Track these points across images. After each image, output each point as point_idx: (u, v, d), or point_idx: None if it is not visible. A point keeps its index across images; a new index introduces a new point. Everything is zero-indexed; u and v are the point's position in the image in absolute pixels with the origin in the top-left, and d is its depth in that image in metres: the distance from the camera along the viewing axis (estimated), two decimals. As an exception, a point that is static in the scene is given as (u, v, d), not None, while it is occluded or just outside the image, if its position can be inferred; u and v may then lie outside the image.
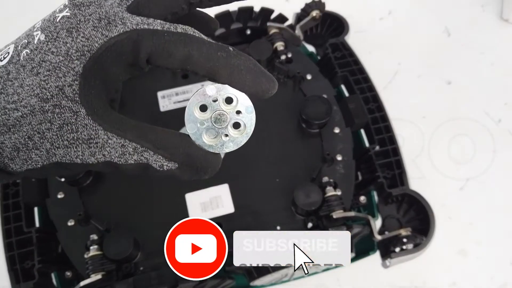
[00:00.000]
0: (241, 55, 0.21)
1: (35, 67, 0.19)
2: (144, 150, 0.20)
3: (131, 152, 0.20)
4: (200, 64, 0.20)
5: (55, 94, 0.19)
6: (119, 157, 0.20)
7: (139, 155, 0.20)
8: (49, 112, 0.19)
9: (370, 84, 0.53)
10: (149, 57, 0.20)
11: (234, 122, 0.22)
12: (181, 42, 0.20)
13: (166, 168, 0.20)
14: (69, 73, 0.19)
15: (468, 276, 0.56)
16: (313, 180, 0.46)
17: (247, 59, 0.21)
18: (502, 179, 0.62)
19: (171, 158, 0.20)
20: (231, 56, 0.20)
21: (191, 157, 0.21)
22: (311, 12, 0.57)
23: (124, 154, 0.20)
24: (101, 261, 0.41)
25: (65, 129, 0.19)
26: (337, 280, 0.56)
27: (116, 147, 0.20)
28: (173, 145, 0.21)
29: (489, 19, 0.75)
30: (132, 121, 0.20)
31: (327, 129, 0.49)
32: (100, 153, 0.20)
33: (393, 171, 0.47)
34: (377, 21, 0.76)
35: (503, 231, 0.59)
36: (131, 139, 0.20)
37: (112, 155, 0.20)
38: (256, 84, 0.21)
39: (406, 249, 0.43)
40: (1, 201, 0.47)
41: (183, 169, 0.21)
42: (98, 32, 0.20)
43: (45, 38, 0.20)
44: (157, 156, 0.20)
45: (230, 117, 0.22)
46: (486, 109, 0.67)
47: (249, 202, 0.46)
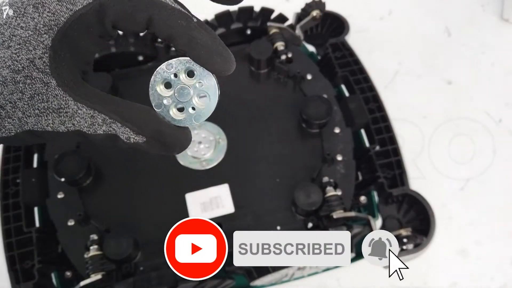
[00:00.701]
0: (202, 29, 0.21)
1: (6, 41, 0.20)
2: (112, 122, 0.21)
3: (100, 123, 0.21)
4: (160, 28, 0.21)
5: (26, 66, 0.20)
6: (88, 127, 0.21)
7: (108, 126, 0.21)
8: (21, 82, 0.20)
9: (371, 84, 0.53)
10: (114, 24, 0.21)
11: (198, 94, 0.22)
12: (143, 6, 0.21)
13: (133, 140, 0.21)
14: (39, 47, 0.20)
15: (469, 276, 0.56)
16: (313, 180, 0.46)
17: (206, 34, 0.21)
18: (502, 179, 0.62)
19: (139, 132, 0.21)
20: (191, 27, 0.21)
21: (159, 132, 0.21)
22: (312, 12, 0.57)
23: (93, 124, 0.21)
24: (101, 261, 0.41)
25: (36, 99, 0.20)
26: (337, 280, 0.56)
27: (86, 118, 0.21)
28: (141, 119, 0.21)
29: (489, 19, 0.75)
30: (103, 93, 0.21)
31: (328, 129, 0.49)
32: (70, 122, 0.21)
33: (393, 171, 0.47)
34: (378, 21, 0.76)
35: (504, 231, 0.59)
36: (100, 110, 0.21)
37: (81, 125, 0.21)
38: (210, 61, 0.21)
39: (407, 249, 0.43)
40: (1, 201, 0.47)
41: (151, 143, 0.22)
42: (63, 6, 0.20)
43: (13, 13, 0.20)
44: (125, 129, 0.21)
45: (193, 90, 0.22)
46: (486, 109, 0.67)
47: (249, 202, 0.46)
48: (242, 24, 0.56)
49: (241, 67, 0.55)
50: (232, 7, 0.55)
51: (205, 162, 0.48)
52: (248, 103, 0.52)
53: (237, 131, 0.50)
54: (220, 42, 0.21)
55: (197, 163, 0.48)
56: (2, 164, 0.48)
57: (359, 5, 0.76)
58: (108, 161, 0.49)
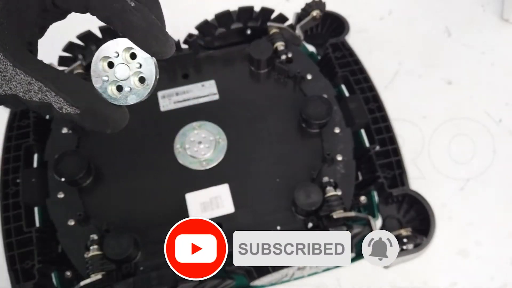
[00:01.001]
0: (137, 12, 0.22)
1: None
2: (47, 91, 0.22)
3: (36, 90, 0.22)
4: (97, 11, 0.22)
5: None
6: (24, 93, 0.22)
7: (43, 94, 0.22)
8: None
9: (371, 84, 0.53)
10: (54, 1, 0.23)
11: (136, 74, 0.23)
12: None
13: (65, 111, 0.22)
14: None
15: (469, 276, 0.56)
16: (313, 180, 0.46)
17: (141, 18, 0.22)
18: (502, 179, 0.62)
19: (73, 103, 0.22)
20: (125, 10, 0.22)
21: (92, 106, 0.23)
22: (312, 12, 0.57)
23: (30, 91, 0.22)
24: (101, 261, 0.41)
25: None
26: (337, 280, 0.56)
27: (23, 83, 0.22)
28: (76, 91, 0.23)
29: (489, 19, 0.75)
30: (43, 64, 0.23)
31: (328, 129, 0.49)
32: (7, 86, 0.22)
33: (393, 171, 0.47)
34: (378, 21, 0.76)
35: (504, 231, 0.59)
36: (37, 78, 0.22)
37: (18, 90, 0.22)
38: (145, 43, 0.22)
39: (407, 249, 0.43)
40: (1, 201, 0.47)
41: (84, 116, 0.23)
42: None
43: None
44: (58, 98, 0.22)
45: (132, 71, 0.23)
46: (486, 109, 0.67)
47: (249, 202, 0.46)
48: (242, 24, 0.56)
49: (241, 67, 0.55)
50: (232, 7, 0.55)
51: (205, 162, 0.48)
52: (248, 103, 0.52)
53: (237, 131, 0.50)
54: (157, 26, 0.23)
55: (197, 163, 0.48)
56: (2, 164, 0.48)
57: (359, 5, 0.76)
58: (108, 161, 0.49)
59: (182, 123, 0.50)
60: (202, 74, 0.55)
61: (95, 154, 0.49)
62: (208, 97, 0.53)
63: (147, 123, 0.51)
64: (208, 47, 0.57)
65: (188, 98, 0.53)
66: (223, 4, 0.54)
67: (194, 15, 0.55)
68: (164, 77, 0.55)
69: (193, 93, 0.53)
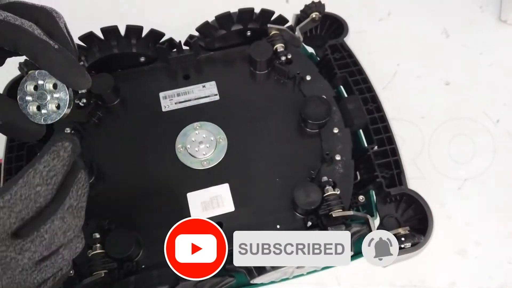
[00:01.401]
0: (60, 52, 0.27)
1: None
2: None
3: None
4: (24, 49, 0.27)
5: None
6: None
7: None
8: None
9: (369, 84, 0.53)
10: None
11: (53, 100, 0.29)
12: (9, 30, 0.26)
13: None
14: None
15: (467, 276, 0.57)
16: (312, 180, 0.47)
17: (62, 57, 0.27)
18: (501, 179, 0.62)
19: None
20: (50, 49, 0.27)
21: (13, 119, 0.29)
22: (311, 13, 0.57)
23: None
24: (103, 260, 0.41)
25: None
26: (336, 278, 0.56)
27: None
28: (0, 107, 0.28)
29: (487, 20, 0.76)
30: None
31: (327, 129, 0.50)
32: None
33: (391, 171, 0.47)
34: (377, 22, 0.77)
35: (502, 230, 0.59)
36: None
37: None
38: (64, 77, 0.28)
39: (404, 248, 0.43)
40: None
41: (5, 127, 0.29)
42: None
43: None
44: None
45: (50, 97, 0.29)
46: (485, 109, 0.67)
47: (249, 201, 0.46)
48: (243, 26, 0.56)
49: (241, 68, 0.56)
50: (233, 9, 0.55)
51: (205, 161, 0.48)
52: (248, 103, 0.53)
53: (237, 131, 0.50)
54: (76, 64, 0.28)
55: (197, 162, 0.48)
56: (5, 164, 0.49)
57: (358, 7, 0.77)
58: (110, 161, 0.49)
59: (183, 123, 0.51)
60: (203, 75, 0.55)
61: (97, 154, 0.49)
62: (208, 97, 0.53)
63: (149, 123, 0.52)
64: (208, 49, 0.57)
65: (189, 98, 0.53)
66: (224, 6, 0.55)
67: (195, 16, 0.55)
68: (166, 78, 0.55)
69: (194, 94, 0.54)
